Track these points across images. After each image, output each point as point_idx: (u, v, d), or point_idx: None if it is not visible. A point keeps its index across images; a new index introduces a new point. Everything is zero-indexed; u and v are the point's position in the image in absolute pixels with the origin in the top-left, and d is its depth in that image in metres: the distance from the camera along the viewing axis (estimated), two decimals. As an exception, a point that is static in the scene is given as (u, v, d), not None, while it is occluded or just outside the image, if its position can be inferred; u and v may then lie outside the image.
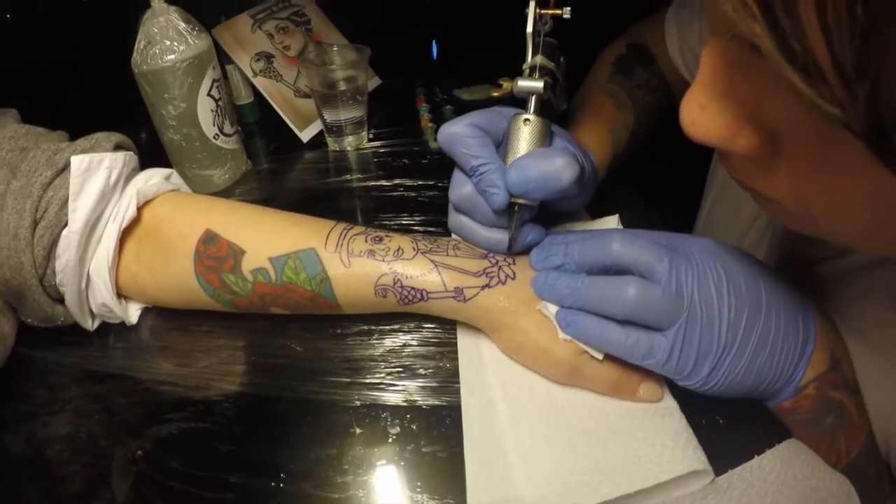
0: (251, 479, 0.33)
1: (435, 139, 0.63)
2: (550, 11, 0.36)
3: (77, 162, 0.37)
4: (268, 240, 0.38)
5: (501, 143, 0.37)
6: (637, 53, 0.58)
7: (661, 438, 0.31)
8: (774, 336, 0.31)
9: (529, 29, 0.36)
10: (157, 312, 0.44)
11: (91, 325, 0.42)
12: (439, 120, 0.68)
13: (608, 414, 0.33)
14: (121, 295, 0.42)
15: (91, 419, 0.37)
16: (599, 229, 0.40)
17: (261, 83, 0.63)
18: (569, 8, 0.36)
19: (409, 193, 0.56)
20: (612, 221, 0.45)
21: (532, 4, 0.36)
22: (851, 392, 0.32)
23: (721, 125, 0.20)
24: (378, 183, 0.58)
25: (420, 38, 0.86)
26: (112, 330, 0.43)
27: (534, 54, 0.36)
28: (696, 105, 0.21)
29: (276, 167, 0.63)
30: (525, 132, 0.35)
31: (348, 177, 0.60)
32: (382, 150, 0.64)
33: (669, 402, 0.34)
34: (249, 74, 0.62)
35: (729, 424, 0.33)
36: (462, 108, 0.71)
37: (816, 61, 0.14)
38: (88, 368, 0.40)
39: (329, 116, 0.61)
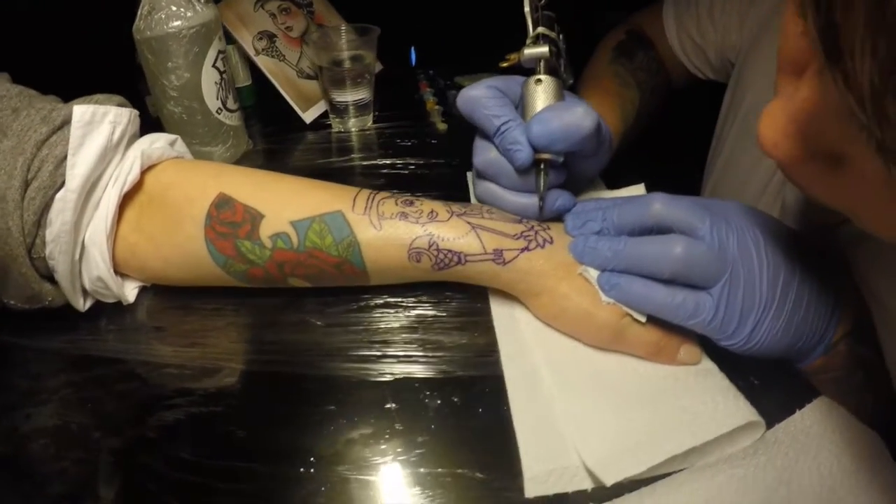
0: (276, 467, 0.29)
1: (443, 121, 0.62)
2: None
3: (80, 112, 0.33)
4: (289, 202, 0.35)
5: (518, 107, 0.37)
6: (637, 39, 0.59)
7: (710, 395, 0.31)
8: (809, 295, 0.31)
9: (526, 8, 0.38)
10: (155, 291, 0.40)
11: (83, 304, 0.37)
12: (445, 104, 0.67)
13: (651, 377, 0.33)
14: (117, 272, 0.38)
15: (82, 409, 0.32)
16: (631, 195, 0.40)
17: (263, 62, 0.60)
18: None
19: (422, 171, 0.54)
20: (639, 189, 0.45)
21: None
22: (874, 348, 0.33)
23: (799, 152, 0.22)
24: (388, 161, 0.56)
25: (415, 26, 0.85)
26: (104, 311, 0.39)
27: (534, 26, 0.38)
28: (782, 132, 0.22)
29: (278, 147, 0.60)
30: (539, 90, 0.36)
31: (355, 156, 0.57)
32: (388, 132, 0.62)
33: (708, 364, 0.33)
34: (252, 53, 0.59)
35: (764, 386, 0.33)
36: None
37: None
38: (77, 353, 0.36)
39: (337, 97, 0.59)
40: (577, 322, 0.34)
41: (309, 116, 0.62)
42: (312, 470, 0.29)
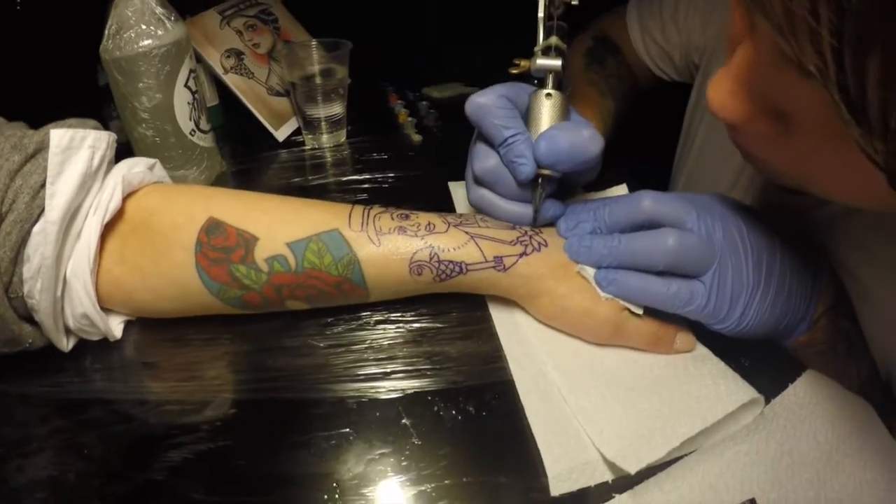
0: (298, 497, 0.28)
1: (416, 132, 0.62)
2: None
3: (57, 137, 0.31)
4: (283, 223, 0.34)
5: (523, 117, 0.38)
6: (605, 45, 0.61)
7: (710, 379, 0.33)
8: (790, 275, 0.33)
9: (541, 14, 0.38)
10: (141, 325, 0.38)
11: (66, 344, 0.35)
12: (417, 115, 0.67)
13: (652, 366, 0.34)
14: (101, 307, 0.36)
15: (78, 455, 0.31)
16: (617, 195, 0.41)
17: (232, 80, 0.58)
18: None
19: (402, 183, 0.54)
20: (621, 189, 0.46)
21: None
22: (854, 320, 0.35)
23: (747, 110, 0.23)
24: (366, 175, 0.55)
25: (377, 39, 0.85)
26: (88, 350, 0.37)
27: (547, 36, 0.37)
28: (728, 91, 0.24)
29: (252, 167, 0.58)
30: (548, 105, 0.36)
31: (332, 172, 0.56)
32: (363, 146, 0.61)
33: (703, 350, 0.35)
34: (220, 71, 0.58)
35: (754, 365, 0.34)
36: (436, 105, 0.70)
37: (869, 115, 0.17)
38: (64, 397, 0.34)
39: (309, 112, 0.58)
40: (577, 320, 0.35)
41: (282, 134, 0.61)
42: (337, 496, 0.28)
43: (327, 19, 0.73)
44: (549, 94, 0.36)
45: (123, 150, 0.50)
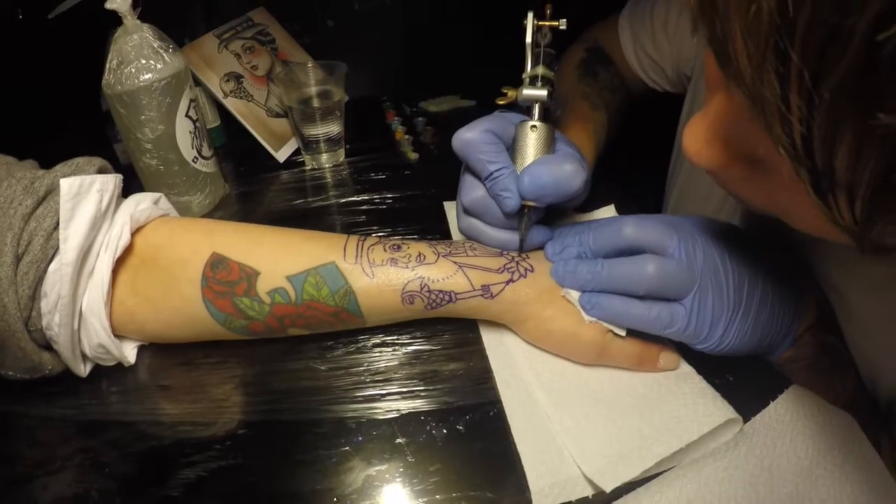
0: (302, 510, 0.31)
1: (413, 150, 0.64)
2: (548, 23, 0.38)
3: (67, 185, 0.34)
4: (282, 258, 0.36)
5: (509, 148, 0.38)
6: (597, 56, 0.61)
7: (690, 398, 0.34)
8: (773, 295, 0.34)
9: (528, 39, 0.38)
10: (153, 350, 0.41)
11: (84, 370, 0.38)
12: (413, 132, 0.68)
13: (636, 386, 0.36)
14: (115, 334, 0.38)
15: (100, 473, 0.33)
16: (602, 218, 0.42)
17: (232, 104, 0.60)
18: (565, 20, 0.38)
19: (399, 204, 0.55)
20: (609, 211, 0.47)
21: (530, 16, 0.38)
22: (838, 336, 0.36)
23: (721, 157, 0.24)
24: (365, 196, 0.57)
25: (375, 53, 0.86)
26: (103, 374, 0.39)
27: (534, 64, 0.38)
28: (703, 140, 0.24)
29: (254, 189, 0.60)
30: (532, 138, 0.37)
31: (332, 193, 0.58)
32: (361, 165, 0.63)
33: (686, 368, 0.37)
34: (220, 95, 0.59)
35: (739, 382, 0.36)
36: (432, 120, 0.71)
37: (836, 196, 0.17)
38: (84, 419, 0.36)
39: (307, 132, 0.60)
40: (563, 342, 0.37)
41: (282, 155, 0.63)
42: (337, 510, 0.30)
43: (323, 33, 0.74)
44: (534, 127, 0.37)
45: (126, 172, 0.53)
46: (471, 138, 0.36)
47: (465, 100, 0.76)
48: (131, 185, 0.50)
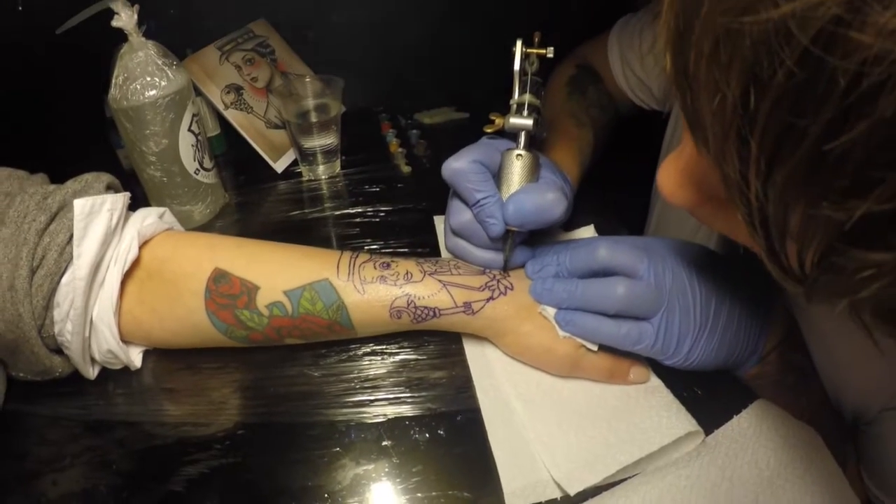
0: (296, 506, 0.34)
1: (407, 163, 0.66)
2: (535, 51, 0.40)
3: (80, 206, 0.36)
4: (280, 274, 0.39)
5: (495, 175, 0.40)
6: (587, 74, 0.63)
7: (655, 411, 0.37)
8: (739, 315, 0.36)
9: (516, 67, 0.39)
10: (157, 354, 0.43)
11: (92, 373, 0.41)
12: (407, 145, 0.71)
13: (607, 398, 0.38)
14: (123, 340, 0.41)
15: (107, 470, 0.36)
16: (582, 238, 0.45)
17: (233, 116, 0.63)
18: (552, 48, 0.40)
19: (392, 218, 0.58)
20: (588, 231, 0.50)
21: (519, 44, 0.39)
22: (804, 353, 0.39)
23: (693, 198, 0.25)
24: (359, 209, 0.60)
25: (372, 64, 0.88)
26: (110, 376, 0.42)
27: (521, 92, 0.39)
28: (675, 183, 0.26)
29: (253, 199, 0.63)
30: (518, 166, 0.39)
31: (328, 205, 0.61)
32: (356, 178, 0.65)
33: (655, 381, 0.39)
34: (221, 107, 0.62)
35: (706, 395, 0.38)
36: (426, 132, 0.74)
37: (790, 262, 0.19)
38: (92, 419, 0.39)
39: (304, 143, 0.62)
40: (539, 356, 0.39)
41: (280, 166, 0.65)
42: (328, 506, 0.33)
43: (321, 43, 0.76)
44: (519, 155, 0.39)
45: (132, 177, 0.55)
46: (459, 168, 0.39)
47: (459, 112, 0.78)
48: (135, 191, 0.53)
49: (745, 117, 0.17)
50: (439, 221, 0.55)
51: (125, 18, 0.48)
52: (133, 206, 0.42)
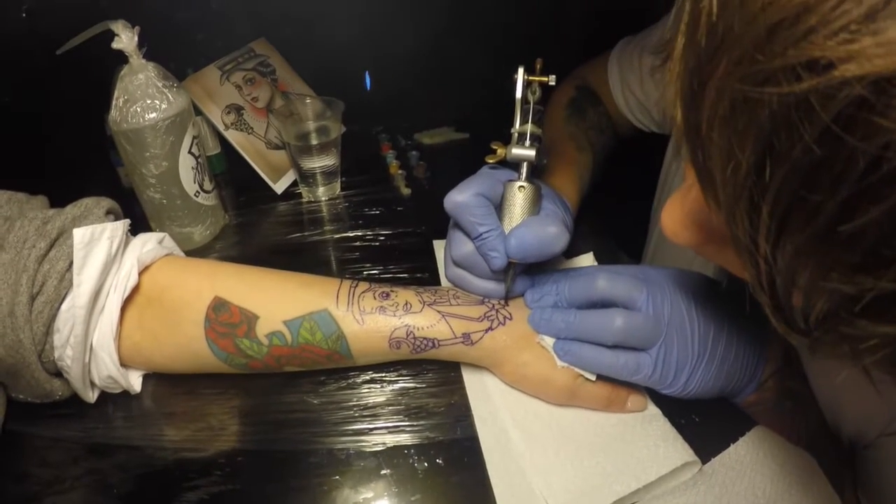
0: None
1: (406, 185, 0.67)
2: (537, 79, 0.40)
3: (80, 235, 0.36)
4: (280, 303, 0.39)
5: (497, 206, 0.40)
6: (586, 96, 0.63)
7: (652, 440, 0.37)
8: (737, 344, 0.37)
9: (518, 95, 0.39)
10: (157, 379, 0.44)
11: (92, 397, 0.41)
12: (407, 166, 0.71)
13: (604, 426, 0.39)
14: (123, 364, 0.41)
15: (108, 494, 0.36)
16: (581, 267, 0.46)
17: (233, 136, 0.63)
18: (554, 76, 0.40)
19: (391, 241, 0.58)
20: (588, 258, 0.51)
21: (521, 71, 0.39)
22: (803, 379, 0.39)
23: (697, 238, 0.26)
24: (358, 232, 0.60)
25: (372, 83, 0.89)
26: (110, 400, 0.42)
27: (523, 122, 0.39)
28: (679, 224, 0.26)
29: (252, 220, 0.63)
30: (520, 198, 0.39)
31: (328, 228, 0.61)
32: (356, 200, 0.65)
33: (653, 410, 0.39)
34: (221, 128, 0.62)
35: (704, 421, 0.39)
36: (425, 153, 0.74)
37: (794, 316, 0.19)
38: (92, 442, 0.39)
39: (304, 164, 0.63)
40: (537, 385, 0.40)
41: (280, 187, 0.65)
42: (327, 536, 0.34)
43: (320, 62, 0.77)
44: (521, 187, 0.38)
45: (131, 196, 0.55)
46: (462, 201, 0.39)
47: (459, 132, 0.78)
48: (134, 209, 0.53)
49: (759, 184, 0.16)
50: (439, 247, 0.55)
51: (125, 41, 0.48)
52: (133, 225, 0.42)
